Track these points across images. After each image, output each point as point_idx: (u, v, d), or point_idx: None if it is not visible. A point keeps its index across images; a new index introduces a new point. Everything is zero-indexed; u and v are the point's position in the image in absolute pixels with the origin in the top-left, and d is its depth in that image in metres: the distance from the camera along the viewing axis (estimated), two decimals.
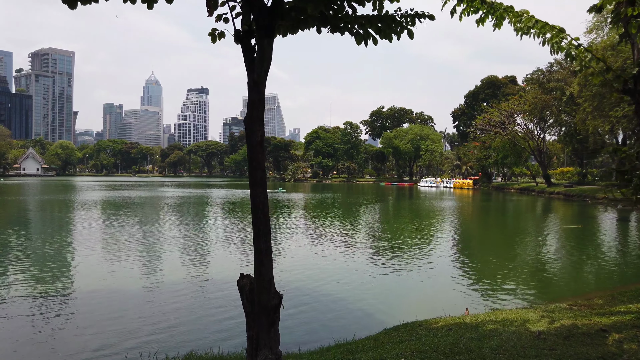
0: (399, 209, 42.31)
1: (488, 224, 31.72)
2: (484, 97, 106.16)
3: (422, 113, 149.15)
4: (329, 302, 11.89)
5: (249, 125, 4.23)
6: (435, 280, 14.00)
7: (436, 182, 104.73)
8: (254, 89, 4.18)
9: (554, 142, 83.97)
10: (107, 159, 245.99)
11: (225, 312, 10.61)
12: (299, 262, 16.15)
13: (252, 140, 4.21)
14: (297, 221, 29.31)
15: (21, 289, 11.93)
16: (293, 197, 57.83)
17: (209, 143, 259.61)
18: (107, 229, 24.09)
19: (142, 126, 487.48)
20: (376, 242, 21.09)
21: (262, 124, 4.18)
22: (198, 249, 18.39)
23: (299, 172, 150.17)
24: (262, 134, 4.22)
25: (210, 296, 11.85)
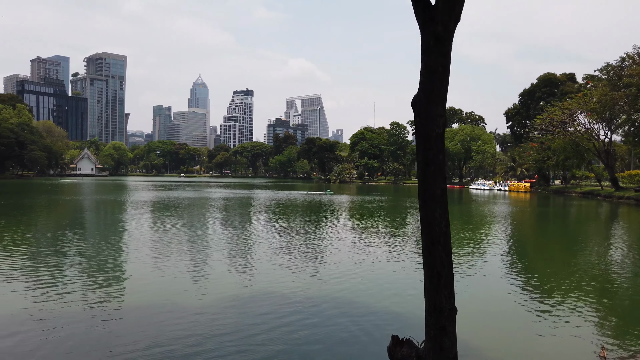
0: (461, 214, 39.80)
1: (563, 233, 28.86)
2: (541, 95, 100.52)
3: (473, 113, 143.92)
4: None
5: (425, 108, 2.60)
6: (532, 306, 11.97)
7: (489, 185, 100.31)
8: (434, 49, 2.56)
9: (619, 142, 78.19)
10: (157, 159, 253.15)
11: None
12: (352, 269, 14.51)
13: (430, 130, 2.63)
14: (349, 224, 27.69)
15: (66, 291, 10.95)
16: (342, 199, 56.18)
17: (254, 144, 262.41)
18: (158, 232, 23.29)
19: (189, 127, 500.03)
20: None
21: (444, 106, 2.55)
22: (246, 255, 17.06)
23: (345, 174, 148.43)
24: (444, 122, 2.58)
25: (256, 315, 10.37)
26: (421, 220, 2.81)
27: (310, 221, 29.74)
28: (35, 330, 9.14)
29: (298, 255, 17.19)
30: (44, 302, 10.87)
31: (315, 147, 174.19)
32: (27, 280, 12.91)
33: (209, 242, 20.06)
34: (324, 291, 12.22)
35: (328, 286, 12.73)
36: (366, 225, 27.87)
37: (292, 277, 13.75)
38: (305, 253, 17.76)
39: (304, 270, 14.69)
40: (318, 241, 20.69)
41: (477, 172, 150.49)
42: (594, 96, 59.91)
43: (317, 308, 10.82)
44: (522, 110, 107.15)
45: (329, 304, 11.14)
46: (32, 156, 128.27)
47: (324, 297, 11.70)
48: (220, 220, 29.90)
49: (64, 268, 14.55)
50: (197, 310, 10.63)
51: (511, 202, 56.30)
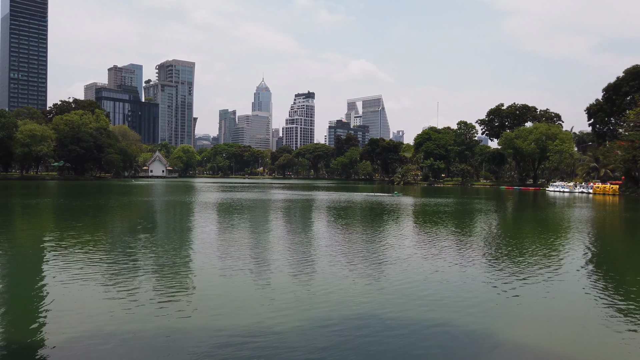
0: (545, 219, 35.94)
1: None
2: (629, 90, 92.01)
3: (548, 110, 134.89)
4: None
5: None
6: None
7: (569, 187, 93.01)
8: None
9: None
10: (223, 161, 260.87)
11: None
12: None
13: None
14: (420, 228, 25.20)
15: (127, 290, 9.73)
16: (412, 201, 53.35)
17: (315, 146, 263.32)
18: (224, 234, 22.13)
19: (253, 130, 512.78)
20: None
21: None
22: (314, 260, 15.21)
23: (409, 175, 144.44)
24: None
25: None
26: None
27: (389, 226, 27.59)
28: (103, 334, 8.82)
29: (381, 267, 15.17)
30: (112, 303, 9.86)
31: (379, 148, 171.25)
32: (97, 284, 12.00)
33: (275, 246, 18.54)
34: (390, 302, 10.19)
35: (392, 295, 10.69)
36: (451, 231, 25.31)
37: (367, 290, 11.77)
38: (382, 263, 15.72)
39: (380, 283, 12.67)
40: (390, 246, 18.59)
41: (552, 173, 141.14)
42: None
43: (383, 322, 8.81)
44: (606, 106, 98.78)
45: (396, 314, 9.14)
46: (109, 159, 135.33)
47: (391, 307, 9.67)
48: (285, 223, 28.45)
49: (133, 271, 13.67)
50: (259, 319, 9.29)
51: (598, 206, 50.91)
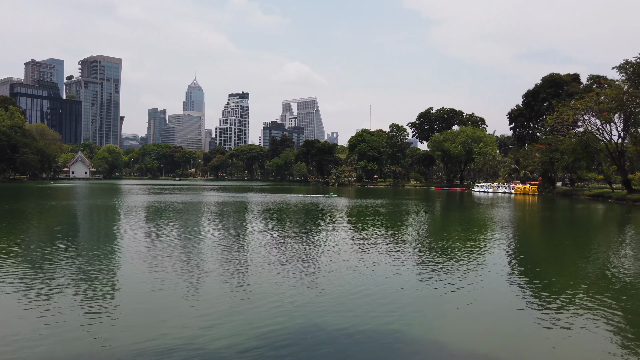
0: (470, 219, 37.23)
1: (585, 239, 26.26)
2: (545, 96, 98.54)
3: (473, 114, 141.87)
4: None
5: None
6: None
7: (492, 187, 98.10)
8: None
9: (627, 144, 76.13)
10: (152, 162, 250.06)
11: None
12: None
13: None
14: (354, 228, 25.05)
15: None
16: (347, 202, 53.52)
17: (250, 147, 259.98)
18: (151, 239, 20.57)
19: (184, 130, 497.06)
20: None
21: None
22: (248, 265, 14.38)
23: (343, 176, 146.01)
24: None
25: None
26: None
27: (323, 228, 27.09)
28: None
29: (312, 270, 14.55)
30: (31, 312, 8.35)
31: (314, 149, 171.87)
32: (10, 300, 10.36)
33: (205, 250, 17.40)
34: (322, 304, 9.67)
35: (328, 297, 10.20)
36: (381, 231, 25.25)
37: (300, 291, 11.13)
38: (315, 265, 15.14)
39: (313, 284, 12.07)
40: (324, 249, 18.11)
41: (477, 174, 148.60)
42: (610, 95, 57.64)
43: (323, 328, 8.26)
44: (526, 111, 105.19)
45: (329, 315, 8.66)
46: (25, 159, 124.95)
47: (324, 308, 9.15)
48: (217, 226, 27.16)
49: (52, 278, 12.22)
50: (191, 334, 8.16)
51: (520, 206, 53.84)
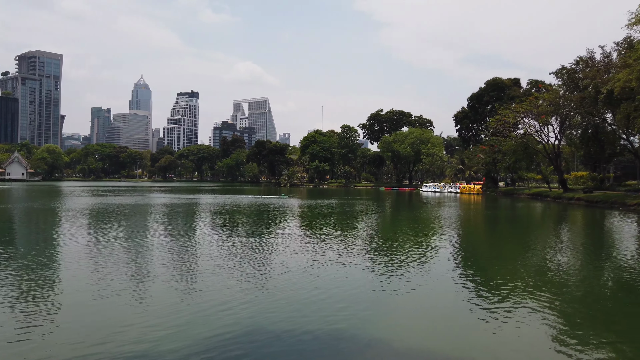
0: (417, 217, 38.19)
1: (523, 235, 27.58)
2: (489, 99, 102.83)
3: (421, 116, 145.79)
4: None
5: None
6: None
7: (440, 187, 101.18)
8: None
9: (563, 145, 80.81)
10: (95, 163, 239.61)
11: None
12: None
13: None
14: (300, 228, 25.10)
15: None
16: (299, 203, 53.49)
17: (200, 147, 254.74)
18: (93, 244, 19.65)
19: (130, 130, 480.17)
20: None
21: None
22: (195, 269, 14.06)
23: (295, 177, 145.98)
24: None
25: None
26: None
27: (274, 229, 26.89)
28: None
29: (260, 268, 14.39)
30: None
31: (265, 150, 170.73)
32: None
33: (151, 254, 16.82)
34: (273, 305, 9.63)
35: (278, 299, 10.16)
36: (332, 231, 25.38)
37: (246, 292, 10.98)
38: (264, 264, 15.00)
39: (262, 284, 11.95)
40: (276, 249, 18.01)
41: (425, 174, 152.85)
42: (547, 99, 60.90)
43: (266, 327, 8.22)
44: (471, 113, 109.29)
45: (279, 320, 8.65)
46: None
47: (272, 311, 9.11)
48: (164, 230, 26.34)
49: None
50: (133, 333, 7.89)
51: (465, 205, 55.83)
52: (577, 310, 11.14)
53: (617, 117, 44.97)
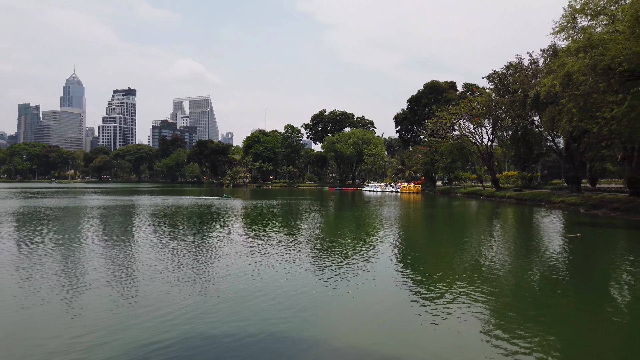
0: (359, 216, 38.86)
1: (459, 232, 28.86)
2: (427, 101, 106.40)
3: (364, 117, 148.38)
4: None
5: None
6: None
7: (381, 187, 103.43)
8: None
9: (495, 146, 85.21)
10: (22, 163, 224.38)
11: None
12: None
13: None
14: (242, 229, 24.84)
15: None
16: (239, 203, 52.76)
17: (138, 147, 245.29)
18: (19, 250, 18.36)
19: (62, 129, 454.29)
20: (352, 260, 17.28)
21: None
22: (130, 274, 13.54)
23: (238, 177, 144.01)
24: None
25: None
26: None
27: (216, 231, 26.32)
28: None
29: (200, 270, 14.05)
30: None
31: (207, 149, 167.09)
32: None
33: (84, 260, 15.94)
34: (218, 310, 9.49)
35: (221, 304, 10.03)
36: (276, 231, 25.23)
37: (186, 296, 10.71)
38: (204, 265, 14.67)
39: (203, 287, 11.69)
40: (216, 251, 17.68)
41: (367, 174, 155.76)
42: (481, 102, 63.98)
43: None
44: (410, 115, 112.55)
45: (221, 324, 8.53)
46: None
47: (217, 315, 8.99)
48: (98, 233, 25.08)
49: None
50: (63, 346, 7.39)
51: (405, 204, 57.45)
52: (509, 303, 11.74)
53: (543, 119, 48.01)
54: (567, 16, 34.52)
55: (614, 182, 72.67)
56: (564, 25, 35.20)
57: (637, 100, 28.30)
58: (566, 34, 35.03)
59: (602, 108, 29.92)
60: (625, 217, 35.38)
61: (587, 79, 29.65)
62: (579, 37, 33.22)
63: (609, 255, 19.63)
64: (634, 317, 10.93)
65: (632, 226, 30.39)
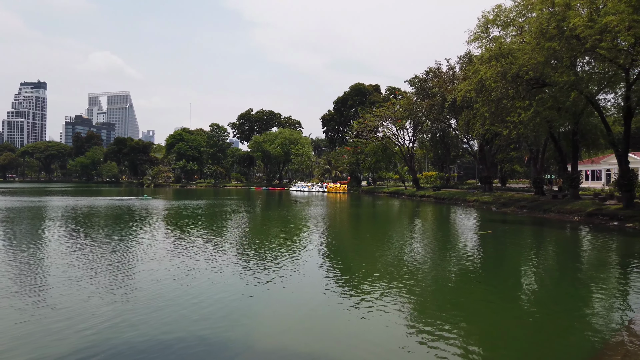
0: (285, 216, 38.99)
1: (381, 229, 29.99)
2: (353, 103, 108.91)
3: (291, 117, 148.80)
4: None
5: None
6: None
7: (308, 187, 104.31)
8: None
9: (416, 147, 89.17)
10: None
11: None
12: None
13: None
14: (163, 231, 24.05)
15: None
16: (161, 204, 50.80)
17: (48, 144, 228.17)
18: None
19: None
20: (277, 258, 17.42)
21: None
22: (38, 280, 12.67)
23: (160, 177, 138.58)
24: None
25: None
26: None
27: (137, 233, 25.11)
28: None
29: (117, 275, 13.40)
30: None
31: (126, 147, 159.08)
32: None
33: None
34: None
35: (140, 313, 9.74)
36: (196, 232, 24.60)
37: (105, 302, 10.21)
38: (122, 270, 14.02)
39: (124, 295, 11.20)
40: (131, 255, 16.95)
41: (294, 174, 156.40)
42: (403, 105, 66.65)
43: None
44: (337, 116, 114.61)
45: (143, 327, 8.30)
46: None
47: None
48: (1, 238, 23.05)
49: None
50: None
51: (331, 203, 58.45)
52: (428, 298, 12.38)
53: (460, 123, 51.07)
54: (480, 26, 36.90)
55: (521, 182, 78.81)
56: (478, 35, 37.55)
57: (541, 107, 30.95)
58: (480, 42, 37.42)
59: (511, 113, 32.48)
60: (531, 215, 38.52)
61: (498, 85, 31.95)
62: (491, 46, 35.66)
63: (516, 250, 21.29)
64: (539, 305, 11.96)
65: (536, 222, 33.16)
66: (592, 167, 68.17)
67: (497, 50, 33.18)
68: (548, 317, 10.83)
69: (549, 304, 12.02)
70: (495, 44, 34.67)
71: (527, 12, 32.77)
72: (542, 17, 28.37)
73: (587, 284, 14.20)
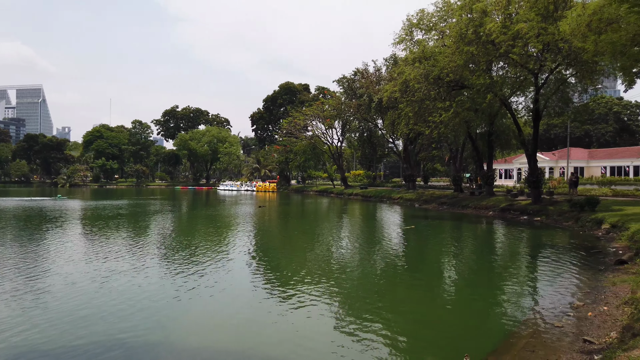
0: (210, 216, 38.11)
1: (309, 228, 30.30)
2: (282, 102, 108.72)
3: (219, 115, 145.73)
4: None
5: None
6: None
7: (237, 186, 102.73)
8: None
9: (344, 147, 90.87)
10: None
11: None
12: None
13: None
14: (79, 234, 22.63)
15: None
16: (77, 205, 47.67)
17: None
18: None
19: None
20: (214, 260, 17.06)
21: None
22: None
23: (77, 176, 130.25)
24: None
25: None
26: None
27: (50, 235, 23.29)
28: None
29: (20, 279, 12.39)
30: None
31: (38, 145, 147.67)
32: None
33: None
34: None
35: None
36: (108, 235, 23.32)
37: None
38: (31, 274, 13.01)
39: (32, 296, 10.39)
40: (43, 259, 15.79)
41: (223, 173, 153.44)
42: (332, 104, 67.57)
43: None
44: (266, 115, 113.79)
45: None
46: None
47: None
48: None
49: None
50: None
51: (260, 202, 58.02)
52: (357, 290, 12.63)
53: (385, 123, 52.69)
54: (405, 29, 38.31)
55: (442, 180, 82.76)
56: (402, 37, 38.94)
57: (460, 108, 32.73)
58: (405, 45, 38.85)
59: (433, 113, 34.07)
60: (451, 210, 40.60)
61: (421, 86, 33.38)
62: (415, 49, 37.16)
63: (437, 243, 22.34)
64: (458, 292, 12.63)
65: (455, 217, 35.00)
66: (505, 166, 73.31)
67: (421, 52, 34.63)
68: (466, 302, 11.49)
69: (467, 291, 12.75)
70: (418, 47, 36.14)
71: (448, 17, 34.50)
72: (462, 22, 29.99)
73: (500, 272, 15.21)
